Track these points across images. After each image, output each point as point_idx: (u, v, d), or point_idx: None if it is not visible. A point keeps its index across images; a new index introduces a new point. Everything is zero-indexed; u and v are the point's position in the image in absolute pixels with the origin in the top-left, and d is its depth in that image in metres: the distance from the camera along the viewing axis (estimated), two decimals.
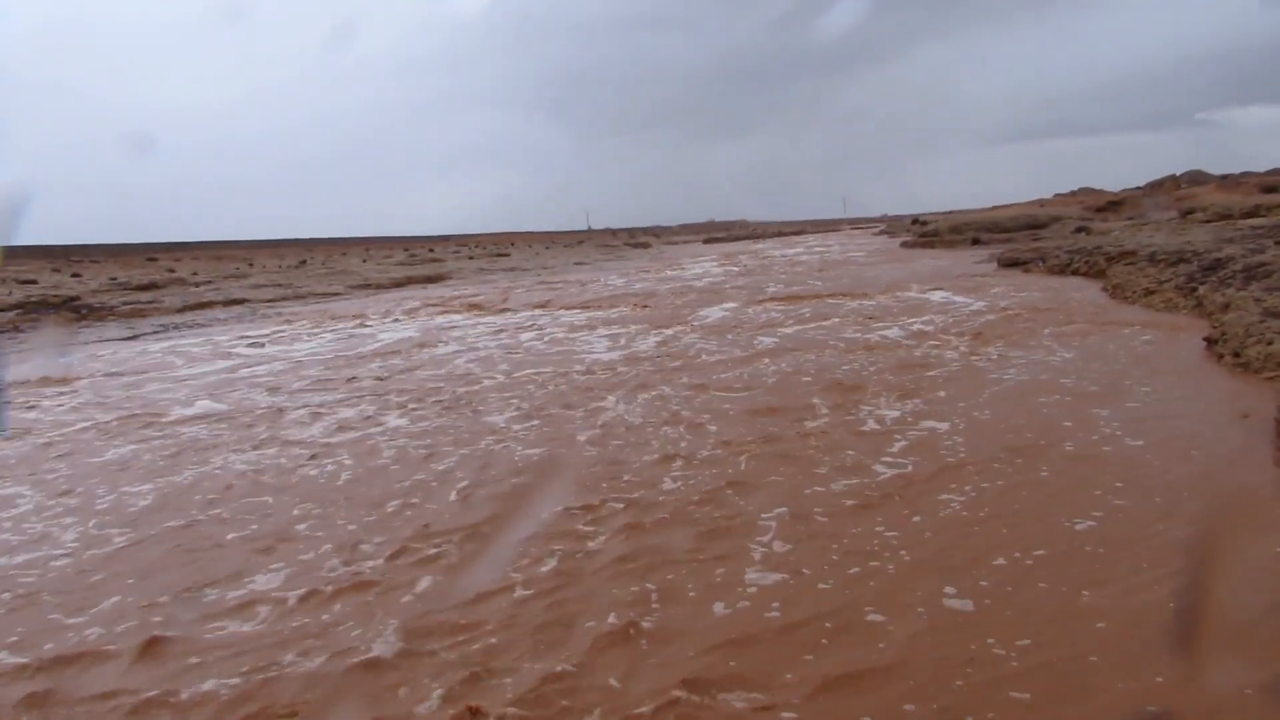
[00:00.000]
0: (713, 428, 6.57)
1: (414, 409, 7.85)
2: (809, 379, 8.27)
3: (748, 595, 3.72)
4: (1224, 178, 40.67)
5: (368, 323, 16.92)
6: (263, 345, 13.91)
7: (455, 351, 11.58)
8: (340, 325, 16.64)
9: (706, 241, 78.72)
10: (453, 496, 5.24)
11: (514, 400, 8.03)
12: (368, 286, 29.94)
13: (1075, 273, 17.53)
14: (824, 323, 12.36)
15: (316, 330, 16.04)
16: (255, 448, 6.77)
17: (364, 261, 43.10)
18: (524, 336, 13.05)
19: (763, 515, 4.62)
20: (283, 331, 16.17)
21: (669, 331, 12.56)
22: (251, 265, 40.19)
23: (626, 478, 5.44)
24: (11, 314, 22.04)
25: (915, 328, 11.16)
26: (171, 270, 34.71)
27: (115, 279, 30.70)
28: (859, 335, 10.90)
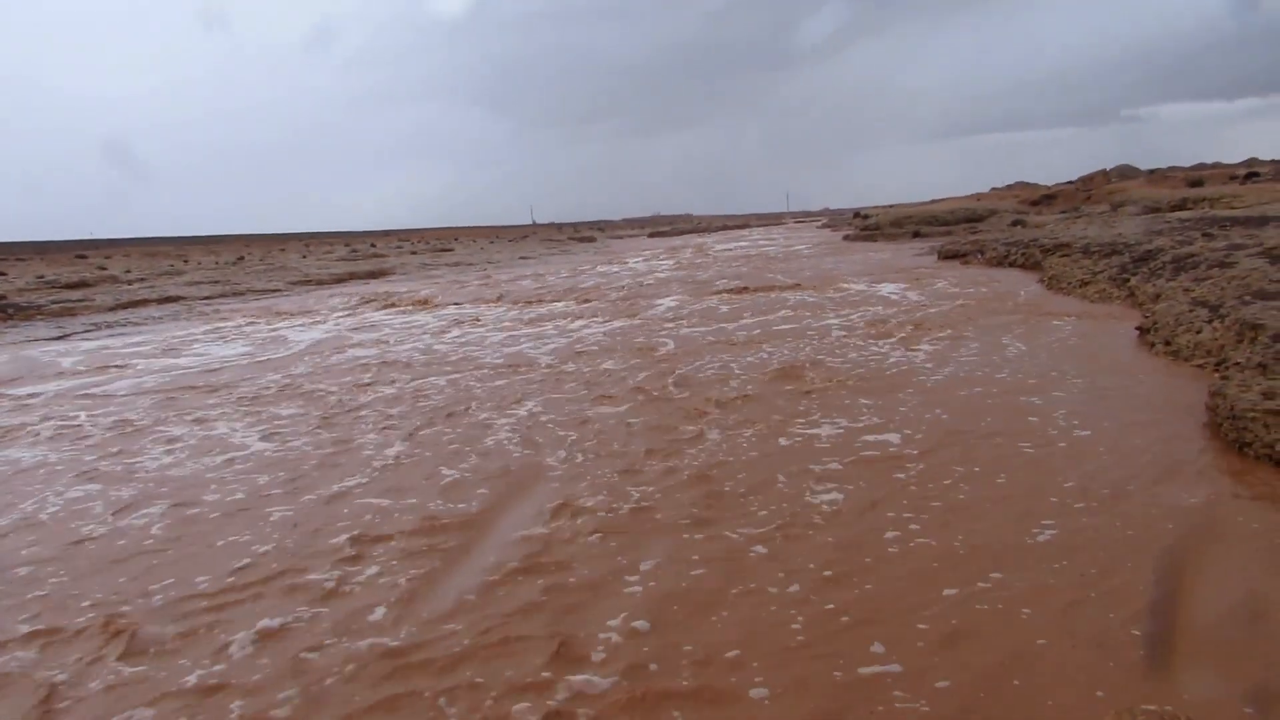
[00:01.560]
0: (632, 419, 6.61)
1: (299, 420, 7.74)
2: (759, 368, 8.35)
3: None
4: (1151, 172, 41.93)
5: (306, 319, 16.62)
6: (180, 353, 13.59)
7: (383, 349, 11.44)
8: (274, 323, 16.28)
9: (651, 236, 78.89)
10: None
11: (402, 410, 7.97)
12: (308, 282, 29.35)
13: (1013, 264, 17.95)
14: (768, 315, 12.47)
15: (248, 329, 15.70)
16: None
17: (304, 258, 42.27)
18: (465, 332, 12.94)
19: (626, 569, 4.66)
20: (212, 330, 15.79)
21: (617, 324, 12.55)
22: (186, 262, 39.15)
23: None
24: None
25: (855, 319, 11.34)
26: (103, 268, 33.67)
27: (43, 277, 29.66)
28: (809, 323, 11.04)
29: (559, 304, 16.64)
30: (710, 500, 4.76)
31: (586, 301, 16.72)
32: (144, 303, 23.78)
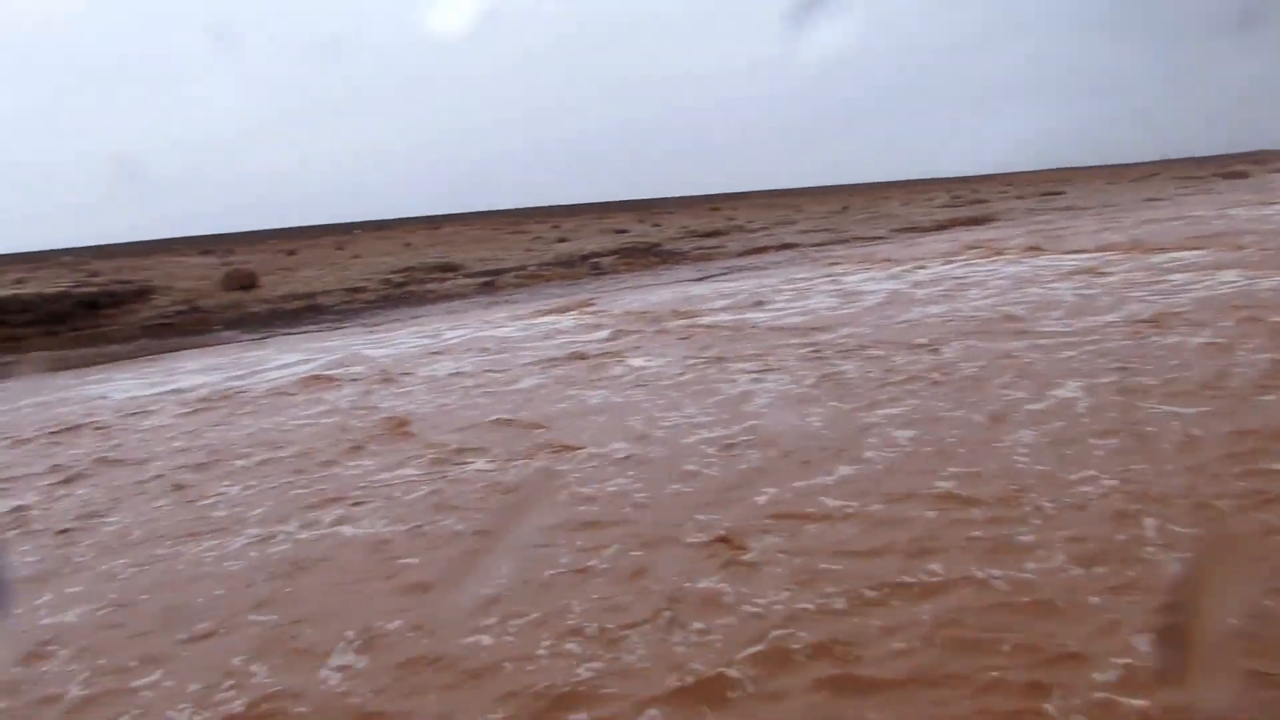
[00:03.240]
0: None
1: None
2: None
3: None
4: None
5: (925, 265, 16.73)
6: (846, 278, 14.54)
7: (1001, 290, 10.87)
8: (894, 267, 16.66)
9: None
10: None
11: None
12: (910, 230, 29.70)
13: None
14: None
15: (876, 270, 16.31)
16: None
17: (905, 205, 42.89)
18: (1089, 283, 11.76)
19: None
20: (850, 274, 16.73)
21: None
22: (799, 211, 42.45)
23: None
24: (612, 257, 26.20)
25: None
26: (731, 218, 38.21)
27: (686, 227, 34.72)
28: None
29: (1196, 253, 14.27)
30: None
31: (1239, 249, 14.06)
32: (765, 249, 26.41)
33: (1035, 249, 17.16)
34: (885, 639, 3.08)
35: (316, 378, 9.98)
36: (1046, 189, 50.61)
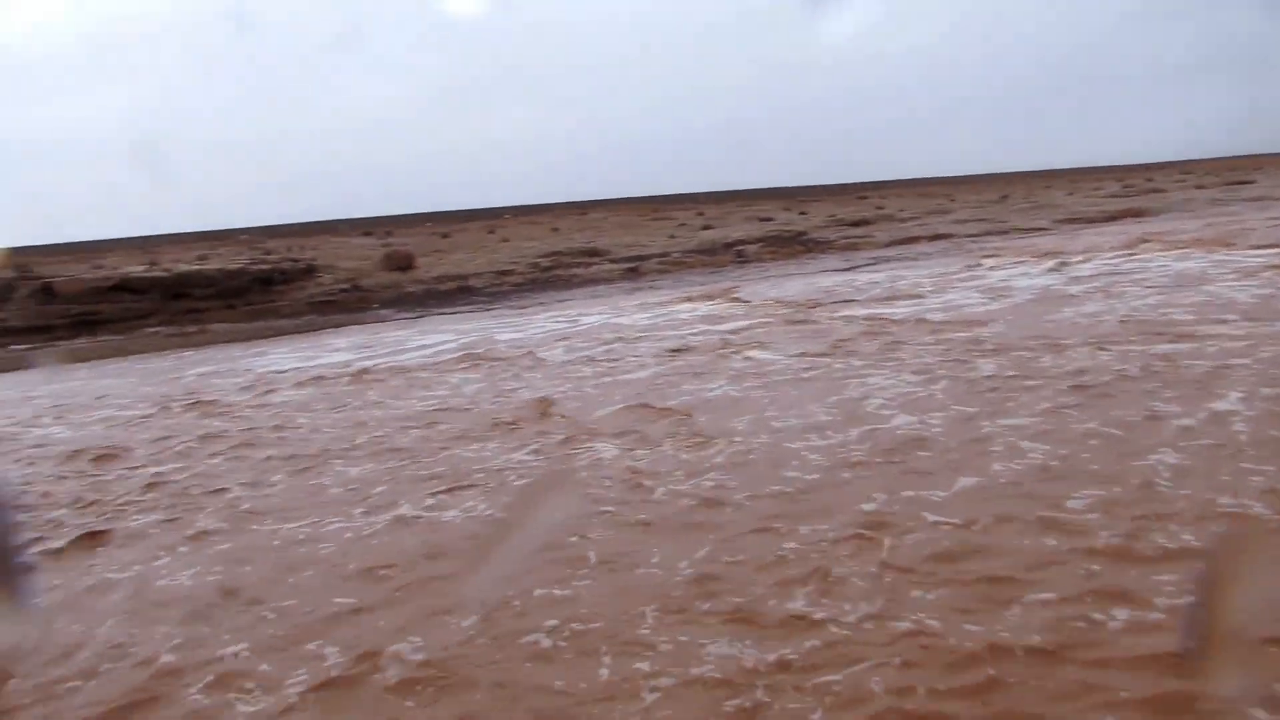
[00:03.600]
0: None
1: None
2: None
3: None
4: None
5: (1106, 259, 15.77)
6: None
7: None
8: (1051, 261, 15.79)
9: None
10: None
11: None
12: (1074, 220, 28.06)
13: None
14: None
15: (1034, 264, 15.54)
16: None
17: (1069, 194, 40.50)
18: None
19: None
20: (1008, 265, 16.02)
21: None
22: (953, 200, 40.82)
23: None
24: (756, 245, 26.03)
25: None
26: (880, 207, 37.17)
27: (833, 216, 34.05)
28: None
29: None
30: None
31: None
32: (915, 239, 25.57)
33: (1214, 243, 15.86)
34: None
35: (467, 356, 10.44)
36: (1232, 178, 46.61)
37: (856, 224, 31.10)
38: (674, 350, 9.50)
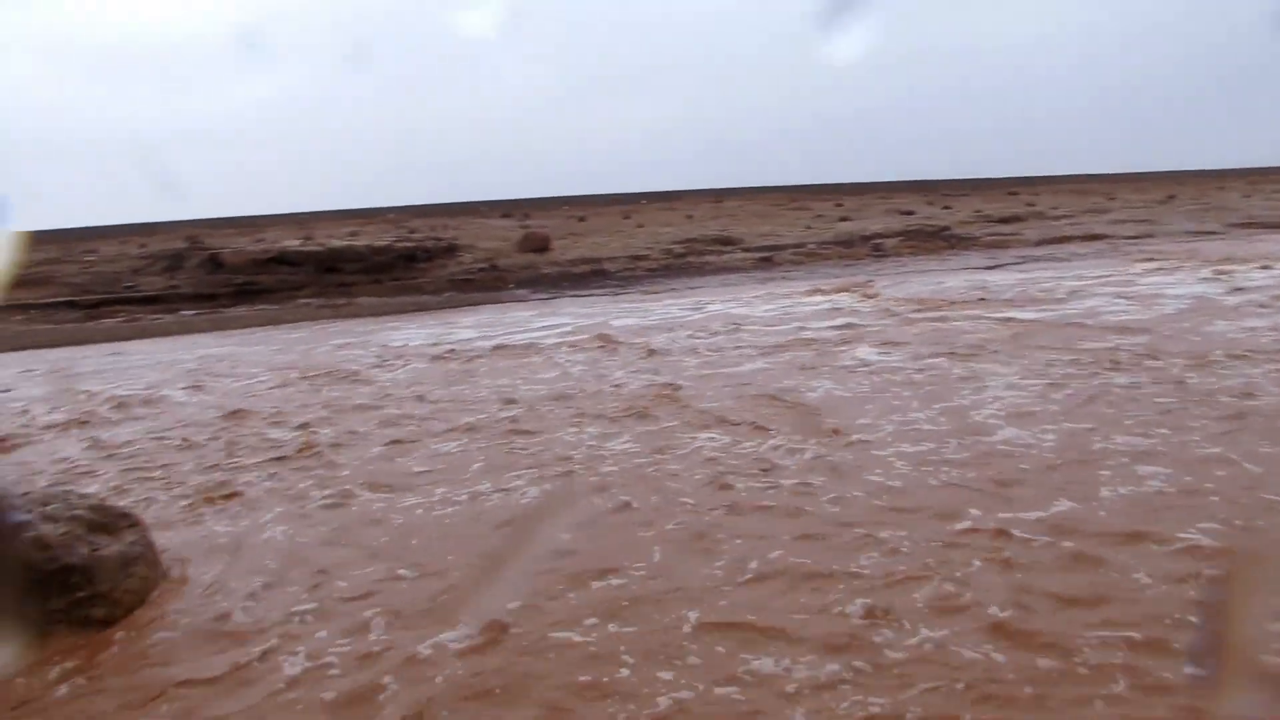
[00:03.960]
0: None
1: None
2: None
3: None
4: None
5: None
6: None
7: None
8: (1211, 269, 14.69)
9: None
10: None
11: None
12: (1250, 225, 25.95)
13: None
14: None
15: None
16: None
17: (1247, 196, 37.41)
18: None
19: None
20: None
21: None
22: (1113, 199, 38.42)
23: None
24: (895, 239, 25.32)
25: None
26: (1031, 204, 35.37)
27: (980, 211, 32.67)
28: None
29: None
30: None
31: None
32: (1067, 239, 24.26)
33: None
34: None
35: (601, 337, 10.65)
36: None
37: (1004, 221, 29.73)
38: (784, 344, 9.36)
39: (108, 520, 4.06)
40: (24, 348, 15.29)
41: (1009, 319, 10.15)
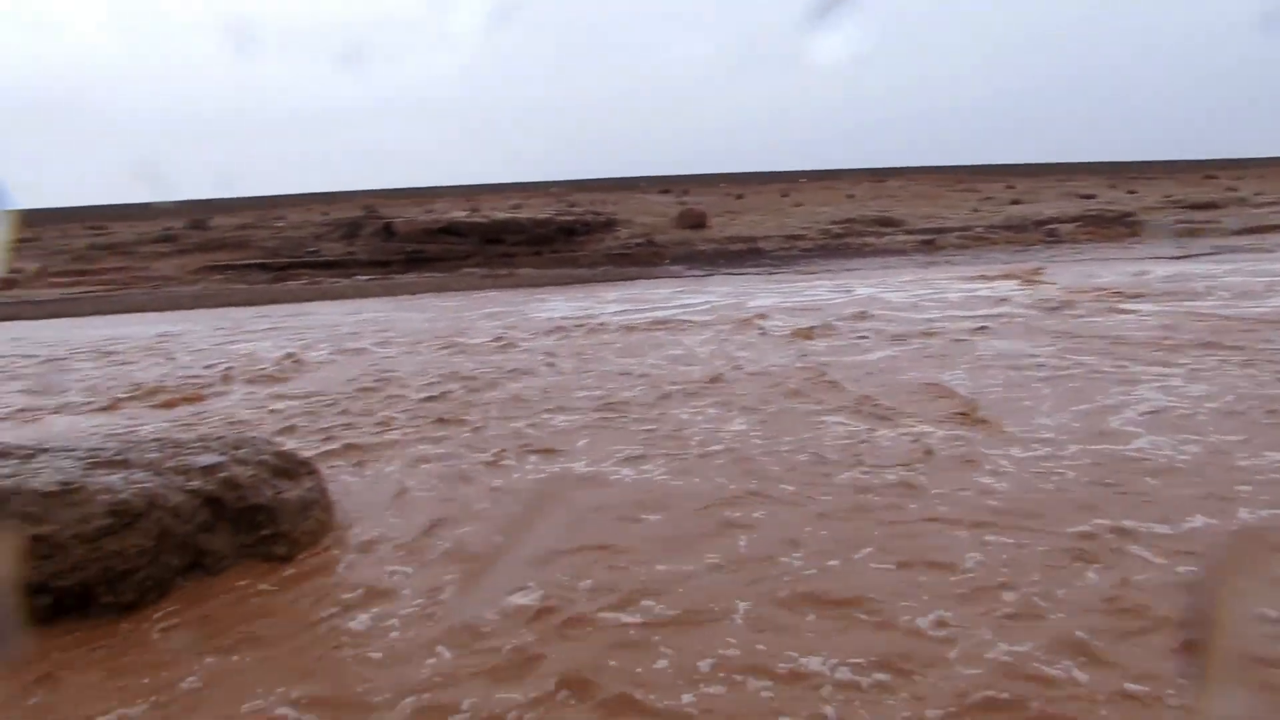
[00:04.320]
0: None
1: None
2: None
3: None
4: None
5: None
6: None
7: None
8: None
9: None
10: None
11: None
12: None
13: None
14: None
15: None
16: None
17: None
18: None
19: None
20: None
21: None
22: None
23: None
24: (1072, 225, 23.83)
25: None
26: (1232, 189, 32.45)
27: (1170, 196, 30.27)
28: None
29: None
30: None
31: None
32: (1272, 229, 22.18)
33: None
34: None
35: (746, 320, 10.59)
36: None
37: (1199, 207, 27.43)
38: (928, 334, 8.93)
39: (290, 466, 4.37)
40: (222, 304, 16.76)
41: (1186, 312, 9.35)
